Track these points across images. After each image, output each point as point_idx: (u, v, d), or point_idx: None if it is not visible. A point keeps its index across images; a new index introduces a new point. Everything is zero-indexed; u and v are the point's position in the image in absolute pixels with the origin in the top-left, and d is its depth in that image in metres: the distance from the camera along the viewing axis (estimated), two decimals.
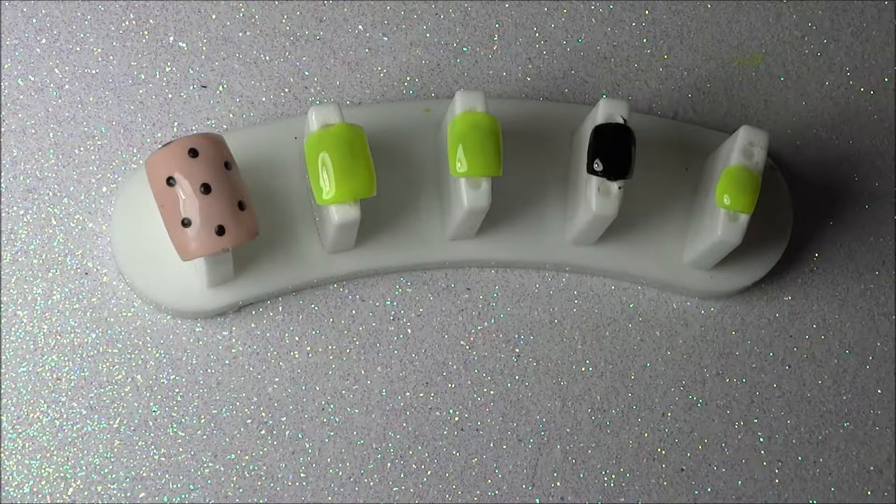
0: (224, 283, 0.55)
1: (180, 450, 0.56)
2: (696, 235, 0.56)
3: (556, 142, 0.58)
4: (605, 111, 0.53)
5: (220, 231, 0.50)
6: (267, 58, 0.58)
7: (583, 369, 0.58)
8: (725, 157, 0.54)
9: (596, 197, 0.53)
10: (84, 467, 0.55)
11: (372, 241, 0.56)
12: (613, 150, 0.53)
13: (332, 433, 0.56)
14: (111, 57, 0.57)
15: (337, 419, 0.56)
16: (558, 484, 0.57)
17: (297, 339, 0.57)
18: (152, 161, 0.51)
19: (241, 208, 0.51)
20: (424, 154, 0.57)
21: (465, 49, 0.60)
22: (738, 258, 0.57)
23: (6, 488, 0.55)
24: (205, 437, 0.56)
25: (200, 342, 0.56)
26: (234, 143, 0.55)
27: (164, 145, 0.51)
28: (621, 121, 0.53)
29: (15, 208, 0.56)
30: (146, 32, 0.58)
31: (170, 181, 0.50)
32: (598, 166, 0.53)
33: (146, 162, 0.51)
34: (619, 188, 0.53)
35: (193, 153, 0.50)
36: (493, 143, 0.52)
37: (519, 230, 0.57)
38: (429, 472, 0.57)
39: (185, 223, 0.50)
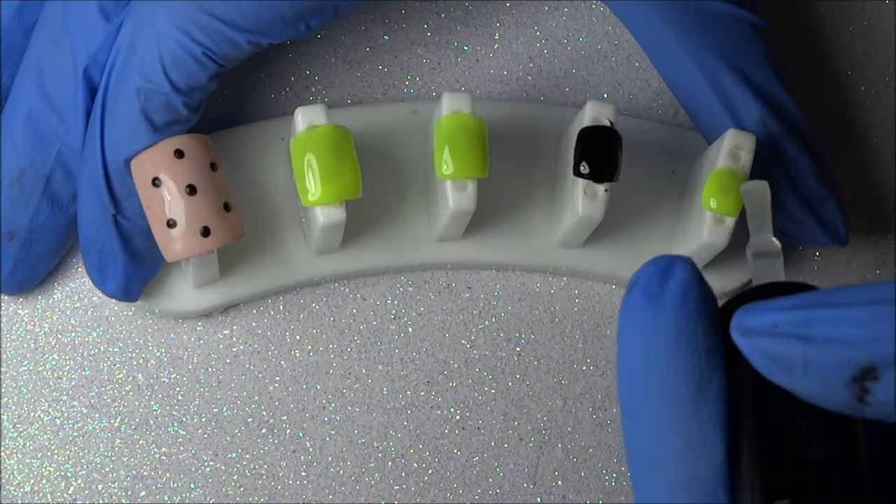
0: (209, 283, 0.55)
1: (181, 448, 0.56)
2: (683, 238, 0.56)
3: (544, 144, 0.58)
4: (592, 114, 0.53)
5: (206, 232, 0.50)
6: (268, 56, 0.58)
7: (584, 368, 0.58)
8: (712, 160, 0.54)
9: (582, 199, 0.53)
10: (85, 466, 0.55)
11: (358, 243, 0.56)
12: (600, 153, 0.53)
13: (333, 432, 0.56)
14: None
15: (338, 418, 0.56)
16: (560, 483, 0.57)
17: (297, 337, 0.57)
18: (138, 161, 0.51)
19: (226, 209, 0.51)
20: (411, 155, 0.57)
21: (465, 48, 0.60)
22: (725, 261, 0.57)
23: (7, 487, 0.55)
24: (206, 435, 0.56)
25: (201, 341, 0.56)
26: (220, 144, 0.55)
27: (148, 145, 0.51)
28: (608, 123, 0.53)
29: None
30: None
31: (155, 182, 0.50)
32: (584, 169, 0.53)
33: (132, 162, 0.51)
34: (606, 191, 0.53)
35: (179, 154, 0.50)
36: (479, 145, 0.53)
37: (506, 232, 0.57)
38: (430, 471, 0.57)
39: (171, 224, 0.50)
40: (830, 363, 0.41)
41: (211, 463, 0.56)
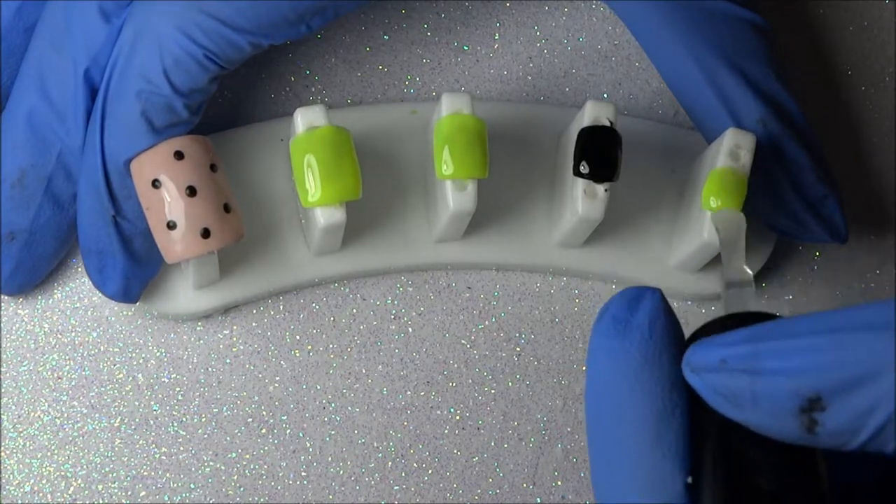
0: (209, 284, 0.55)
1: (181, 448, 0.56)
2: (683, 238, 0.56)
3: (544, 144, 0.58)
4: (592, 114, 0.53)
5: (206, 234, 0.50)
6: (268, 56, 0.58)
7: (584, 368, 0.58)
8: (712, 160, 0.54)
9: (582, 199, 0.53)
10: (85, 466, 0.55)
11: (358, 243, 0.56)
12: (599, 153, 0.53)
13: (333, 432, 0.56)
14: None
15: (338, 418, 0.56)
16: (559, 483, 0.57)
17: (298, 337, 0.57)
18: (138, 162, 0.51)
19: (226, 210, 0.51)
20: (411, 156, 0.57)
21: (465, 48, 0.60)
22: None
23: (7, 487, 0.55)
24: (206, 435, 0.56)
25: (201, 341, 0.56)
26: (220, 145, 0.55)
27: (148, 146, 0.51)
28: (608, 123, 0.53)
29: None
30: None
31: (155, 183, 0.50)
32: (584, 169, 0.53)
33: (131, 163, 0.51)
34: (605, 191, 0.53)
35: (179, 155, 0.50)
36: (479, 146, 0.53)
37: (506, 232, 0.57)
38: (430, 471, 0.57)
39: (171, 225, 0.50)
40: (777, 395, 0.41)
41: (211, 463, 0.56)
